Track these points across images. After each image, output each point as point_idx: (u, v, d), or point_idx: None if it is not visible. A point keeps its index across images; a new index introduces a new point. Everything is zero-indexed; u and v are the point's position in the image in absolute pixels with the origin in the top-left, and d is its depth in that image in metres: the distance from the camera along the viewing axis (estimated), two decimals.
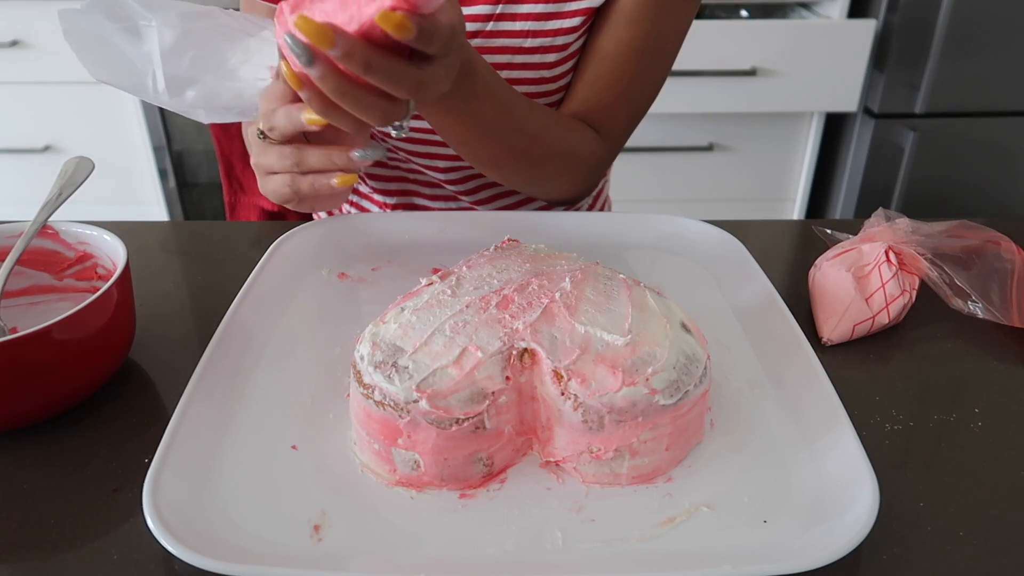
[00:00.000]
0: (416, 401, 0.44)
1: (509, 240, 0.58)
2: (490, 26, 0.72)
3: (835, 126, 1.91)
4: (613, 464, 0.46)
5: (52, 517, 0.46)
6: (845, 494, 0.44)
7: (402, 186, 0.88)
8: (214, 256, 0.75)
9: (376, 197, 0.90)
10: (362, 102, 0.47)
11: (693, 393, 0.46)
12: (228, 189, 1.84)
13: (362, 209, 0.94)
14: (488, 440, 0.46)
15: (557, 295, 0.49)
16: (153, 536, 0.41)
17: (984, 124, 1.78)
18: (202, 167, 1.89)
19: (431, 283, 0.52)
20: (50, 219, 0.58)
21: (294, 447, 0.49)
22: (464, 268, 0.53)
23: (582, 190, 0.78)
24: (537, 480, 0.47)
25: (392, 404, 0.44)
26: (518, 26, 0.72)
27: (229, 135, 1.82)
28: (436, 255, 0.69)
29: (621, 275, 0.53)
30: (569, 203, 0.83)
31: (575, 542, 0.43)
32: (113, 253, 0.57)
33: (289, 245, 0.68)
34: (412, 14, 0.42)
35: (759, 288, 0.63)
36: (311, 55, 0.44)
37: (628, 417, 0.44)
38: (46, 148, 1.89)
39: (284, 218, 1.86)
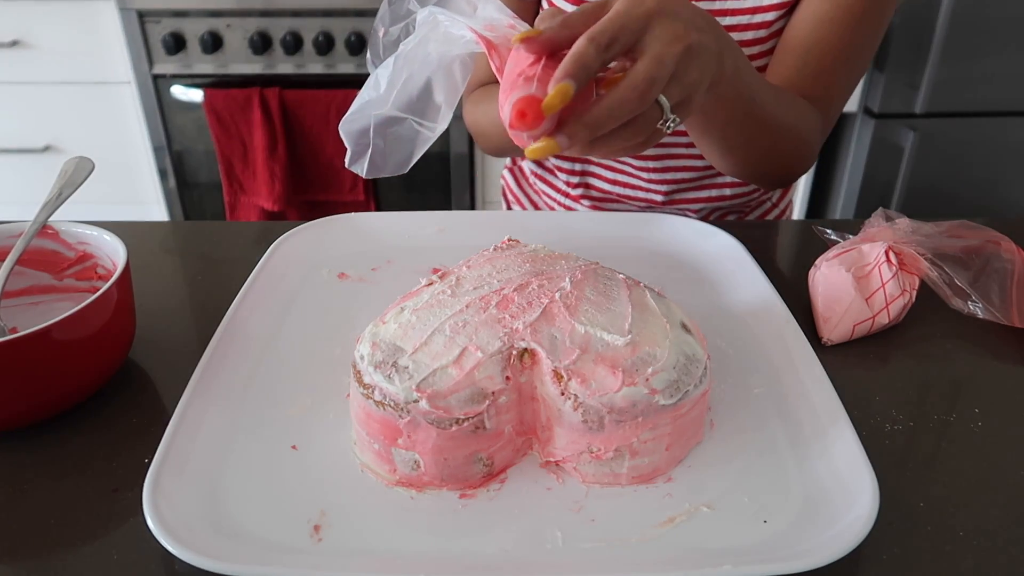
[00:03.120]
0: (416, 401, 0.44)
1: (509, 240, 0.58)
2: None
3: (835, 126, 1.91)
4: (613, 464, 0.46)
5: (52, 517, 0.46)
6: (845, 494, 0.44)
7: (584, 167, 0.89)
8: (214, 256, 0.75)
9: (561, 164, 0.91)
10: (610, 145, 0.47)
11: (693, 393, 0.46)
12: (228, 189, 1.85)
13: (542, 179, 0.95)
14: (488, 440, 0.46)
15: (557, 295, 0.49)
16: (153, 536, 0.41)
17: (984, 124, 1.77)
18: (202, 167, 1.89)
19: (431, 283, 0.51)
20: (50, 219, 0.58)
21: (294, 447, 0.49)
22: (464, 268, 0.53)
23: (801, 170, 0.76)
24: (537, 480, 0.47)
25: (392, 404, 0.44)
26: (717, 5, 0.73)
27: (229, 135, 1.83)
28: (436, 255, 0.69)
29: (621, 275, 0.53)
30: (784, 186, 0.79)
31: (575, 542, 0.43)
32: (113, 253, 0.57)
33: (289, 245, 0.69)
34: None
35: (759, 288, 0.63)
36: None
37: (628, 417, 0.44)
38: (46, 148, 1.88)
39: (284, 218, 1.86)
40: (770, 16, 0.73)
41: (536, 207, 0.98)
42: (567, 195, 0.93)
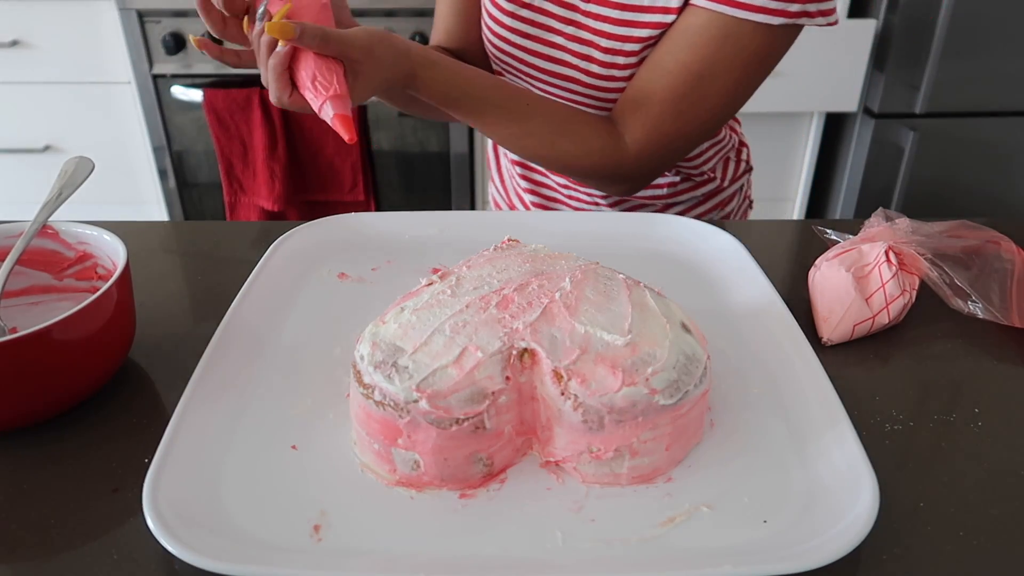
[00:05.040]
0: (416, 401, 0.44)
1: (509, 240, 0.58)
2: (579, 18, 0.79)
3: (835, 126, 1.92)
4: (613, 464, 0.46)
5: (52, 517, 0.46)
6: (845, 494, 0.44)
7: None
8: (214, 256, 0.75)
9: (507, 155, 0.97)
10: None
11: (693, 393, 0.46)
12: (228, 189, 1.86)
13: (496, 157, 1.02)
14: (488, 440, 0.46)
15: (557, 295, 0.49)
16: (153, 536, 0.41)
17: (984, 124, 1.78)
18: (202, 167, 1.89)
19: (431, 283, 0.51)
20: (50, 219, 0.58)
21: (294, 447, 0.49)
22: (464, 268, 0.53)
23: (611, 188, 0.83)
24: (537, 480, 0.47)
25: (392, 404, 0.44)
26: (598, 25, 0.78)
27: (229, 135, 1.83)
28: (436, 255, 0.69)
29: (621, 275, 0.53)
30: (619, 196, 0.85)
31: (575, 542, 0.43)
32: (113, 253, 0.57)
33: (289, 245, 0.69)
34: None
35: (759, 288, 0.63)
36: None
37: (628, 417, 0.44)
38: (46, 148, 1.89)
39: (284, 218, 1.86)
40: (644, 33, 0.76)
41: (503, 181, 1.03)
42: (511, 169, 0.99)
